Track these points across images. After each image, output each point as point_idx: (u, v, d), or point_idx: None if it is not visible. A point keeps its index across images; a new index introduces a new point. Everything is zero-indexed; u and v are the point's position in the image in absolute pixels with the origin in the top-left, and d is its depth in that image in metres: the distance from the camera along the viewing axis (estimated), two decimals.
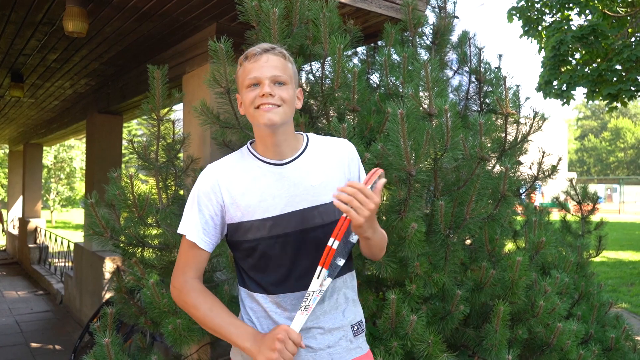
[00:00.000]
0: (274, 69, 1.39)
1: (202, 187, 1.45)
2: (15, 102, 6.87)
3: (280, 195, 1.41)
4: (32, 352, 5.09)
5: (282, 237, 1.40)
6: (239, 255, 1.47)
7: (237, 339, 1.37)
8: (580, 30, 9.06)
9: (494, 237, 2.52)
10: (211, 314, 1.40)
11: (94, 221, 2.44)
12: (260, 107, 1.37)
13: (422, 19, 3.06)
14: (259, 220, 1.40)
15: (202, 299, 1.42)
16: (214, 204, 1.43)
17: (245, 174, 1.44)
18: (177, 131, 2.80)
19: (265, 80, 1.37)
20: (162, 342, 3.15)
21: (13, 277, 9.39)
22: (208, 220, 1.44)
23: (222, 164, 1.48)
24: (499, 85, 2.72)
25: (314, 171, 1.45)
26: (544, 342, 2.51)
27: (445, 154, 2.26)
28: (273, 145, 1.43)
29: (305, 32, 2.56)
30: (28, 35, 3.92)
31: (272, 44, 1.46)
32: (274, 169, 1.44)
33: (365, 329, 1.56)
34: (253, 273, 1.45)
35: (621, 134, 56.74)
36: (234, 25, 3.34)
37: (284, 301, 1.43)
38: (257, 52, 1.40)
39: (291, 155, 1.46)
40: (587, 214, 3.70)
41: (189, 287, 1.44)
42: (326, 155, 1.49)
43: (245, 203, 1.41)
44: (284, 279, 1.42)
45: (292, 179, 1.43)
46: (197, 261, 1.47)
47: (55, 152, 20.30)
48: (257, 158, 1.46)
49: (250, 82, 1.39)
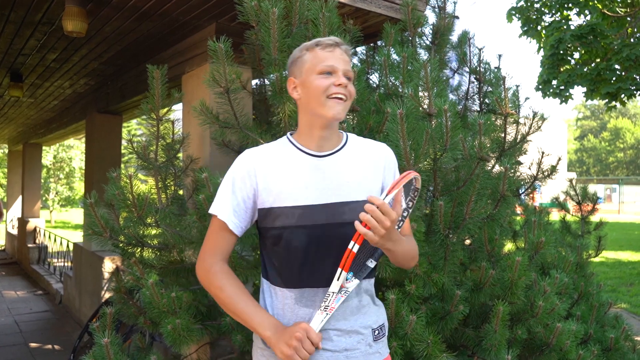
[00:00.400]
0: (346, 64, 1.43)
1: (238, 170, 1.47)
2: (15, 102, 6.86)
3: (313, 186, 1.42)
4: (32, 352, 5.09)
5: (309, 227, 1.40)
6: (267, 243, 1.47)
7: (259, 326, 1.37)
8: (579, 29, 9.06)
9: (493, 237, 2.52)
10: (236, 298, 1.41)
11: (93, 221, 2.43)
12: (333, 96, 1.39)
13: (421, 19, 3.06)
14: (289, 208, 1.40)
15: (227, 282, 1.43)
16: (247, 188, 1.44)
17: (282, 161, 1.45)
18: (176, 131, 2.80)
19: (340, 72, 1.41)
20: (161, 342, 3.14)
21: (12, 277, 9.38)
22: (240, 202, 1.45)
23: (260, 150, 1.50)
24: (498, 86, 2.73)
25: (350, 168, 1.46)
26: (543, 342, 2.51)
27: (444, 154, 2.26)
28: (320, 137, 1.46)
29: (305, 32, 2.56)
30: (27, 35, 3.91)
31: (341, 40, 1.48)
32: (311, 160, 1.45)
33: (387, 333, 1.54)
34: (277, 263, 1.45)
35: (620, 134, 56.78)
36: (233, 25, 3.34)
37: (303, 296, 1.41)
38: (332, 43, 1.43)
39: (330, 149, 1.47)
40: (587, 214, 3.70)
41: (216, 269, 1.45)
42: (363, 155, 1.50)
43: (277, 189, 1.42)
44: (307, 272, 1.41)
45: (327, 172, 1.44)
46: (225, 243, 1.47)
47: (55, 152, 20.29)
48: (296, 147, 1.47)
49: (325, 69, 1.41)
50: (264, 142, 2.54)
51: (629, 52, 8.71)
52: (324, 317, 1.36)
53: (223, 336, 2.58)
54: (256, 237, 2.44)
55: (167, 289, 2.28)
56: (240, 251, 2.55)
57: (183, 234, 2.50)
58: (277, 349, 1.32)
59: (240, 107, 2.63)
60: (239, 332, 2.37)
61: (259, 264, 2.47)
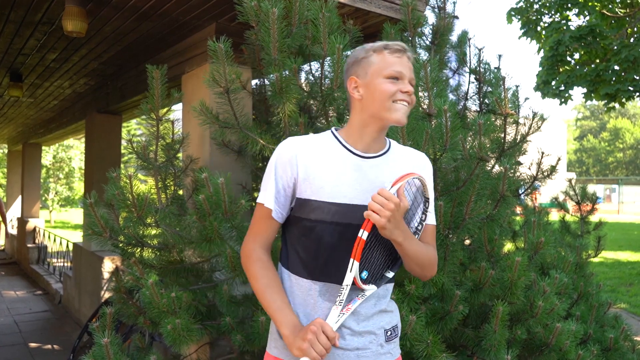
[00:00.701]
0: (411, 71, 1.45)
1: (280, 157, 1.47)
2: (14, 102, 6.86)
3: (352, 185, 1.43)
4: (31, 352, 5.09)
5: (341, 226, 1.41)
6: (295, 232, 1.48)
7: (279, 323, 1.40)
8: (579, 30, 9.07)
9: (493, 237, 2.52)
10: (266, 290, 1.44)
11: (93, 221, 2.43)
12: (399, 101, 1.42)
13: (421, 19, 3.07)
14: (326, 203, 1.42)
15: (263, 272, 1.46)
16: (288, 176, 1.45)
17: (325, 155, 1.46)
18: (176, 131, 2.80)
19: (407, 79, 1.43)
20: (161, 342, 3.15)
21: (12, 277, 9.38)
22: (280, 190, 1.47)
23: (305, 140, 1.50)
24: (498, 86, 2.73)
25: (390, 173, 1.47)
26: (542, 343, 2.51)
27: (444, 154, 2.27)
28: (371, 138, 1.48)
29: (305, 32, 2.56)
30: (27, 35, 3.91)
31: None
32: (355, 159, 1.46)
33: (399, 334, 1.55)
34: (303, 254, 1.46)
35: (620, 134, 56.81)
36: (233, 25, 3.34)
37: (327, 290, 1.43)
38: (400, 49, 1.44)
39: (375, 152, 1.49)
40: (586, 214, 3.70)
41: (255, 257, 1.49)
42: (405, 162, 1.52)
43: (318, 183, 1.43)
44: (333, 268, 1.42)
45: (368, 174, 1.45)
46: (267, 230, 1.50)
47: (54, 152, 20.27)
48: (342, 144, 1.49)
49: (393, 74, 1.42)
50: (264, 142, 2.55)
51: (628, 53, 8.72)
52: (339, 313, 1.38)
53: (222, 336, 2.58)
54: None
55: (166, 289, 2.28)
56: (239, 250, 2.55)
57: (183, 234, 2.50)
58: (293, 347, 1.34)
59: (240, 107, 2.63)
60: (239, 332, 2.37)
61: None
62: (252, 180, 3.25)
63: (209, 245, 2.32)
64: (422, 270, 1.50)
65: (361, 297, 1.40)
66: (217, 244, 2.32)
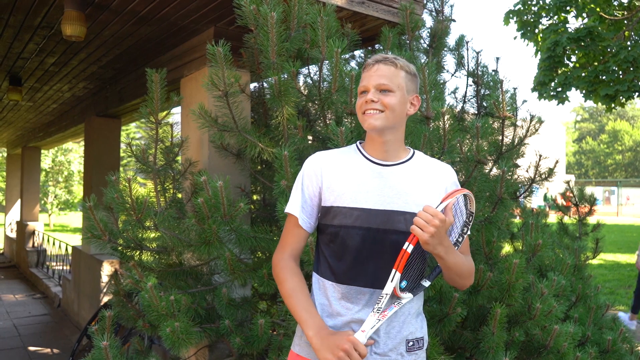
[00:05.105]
0: (380, 78, 1.51)
1: (307, 170, 1.60)
2: (14, 106, 6.87)
3: (373, 191, 1.51)
4: (30, 356, 5.08)
5: (364, 229, 1.49)
6: (324, 239, 1.57)
7: (305, 324, 1.46)
8: (577, 32, 9.09)
9: (491, 239, 2.52)
10: (292, 294, 1.52)
11: (92, 224, 2.44)
12: (365, 112, 1.52)
13: (419, 23, 3.08)
14: (348, 208, 1.50)
15: (289, 277, 1.55)
16: (314, 186, 1.57)
17: (347, 165, 1.57)
18: (175, 134, 2.81)
19: (371, 89, 1.51)
20: (160, 345, 3.15)
21: (11, 280, 9.37)
22: (307, 199, 1.58)
23: (329, 153, 1.62)
24: (496, 89, 2.74)
25: (411, 181, 1.54)
26: (541, 345, 2.51)
27: (442, 156, 2.27)
28: (380, 145, 1.55)
29: (303, 36, 2.57)
30: (26, 39, 3.93)
31: (389, 55, 1.57)
32: (375, 168, 1.55)
33: (424, 346, 1.58)
34: (331, 259, 1.54)
35: (619, 136, 56.86)
36: (232, 29, 3.35)
37: (350, 293, 1.49)
38: (370, 63, 1.55)
39: (395, 160, 1.57)
40: (584, 216, 3.71)
41: (283, 264, 1.58)
42: (427, 172, 1.58)
43: (339, 189, 1.53)
44: (356, 271, 1.50)
45: (389, 180, 1.53)
46: (295, 240, 1.60)
47: (53, 156, 20.26)
48: (362, 155, 1.59)
49: (360, 90, 1.55)
50: (263, 145, 2.55)
51: (627, 54, 8.74)
52: (376, 320, 1.42)
53: (221, 339, 2.58)
54: (254, 240, 2.45)
55: (166, 292, 2.28)
56: (239, 254, 2.56)
57: (182, 237, 2.50)
58: (320, 354, 1.39)
59: (239, 110, 2.64)
60: (238, 334, 2.37)
61: (257, 267, 2.48)
62: (251, 183, 3.25)
63: (207, 248, 2.33)
64: (461, 280, 1.56)
65: (397, 305, 1.45)
66: (216, 246, 2.33)
